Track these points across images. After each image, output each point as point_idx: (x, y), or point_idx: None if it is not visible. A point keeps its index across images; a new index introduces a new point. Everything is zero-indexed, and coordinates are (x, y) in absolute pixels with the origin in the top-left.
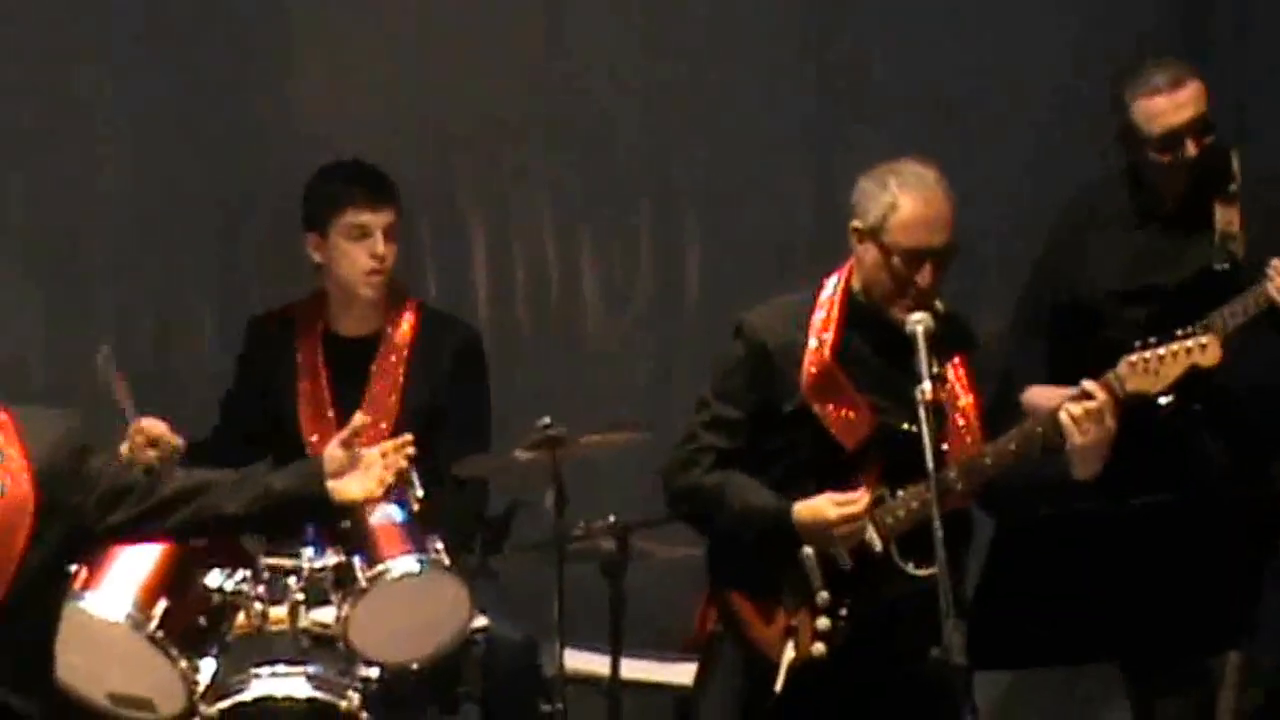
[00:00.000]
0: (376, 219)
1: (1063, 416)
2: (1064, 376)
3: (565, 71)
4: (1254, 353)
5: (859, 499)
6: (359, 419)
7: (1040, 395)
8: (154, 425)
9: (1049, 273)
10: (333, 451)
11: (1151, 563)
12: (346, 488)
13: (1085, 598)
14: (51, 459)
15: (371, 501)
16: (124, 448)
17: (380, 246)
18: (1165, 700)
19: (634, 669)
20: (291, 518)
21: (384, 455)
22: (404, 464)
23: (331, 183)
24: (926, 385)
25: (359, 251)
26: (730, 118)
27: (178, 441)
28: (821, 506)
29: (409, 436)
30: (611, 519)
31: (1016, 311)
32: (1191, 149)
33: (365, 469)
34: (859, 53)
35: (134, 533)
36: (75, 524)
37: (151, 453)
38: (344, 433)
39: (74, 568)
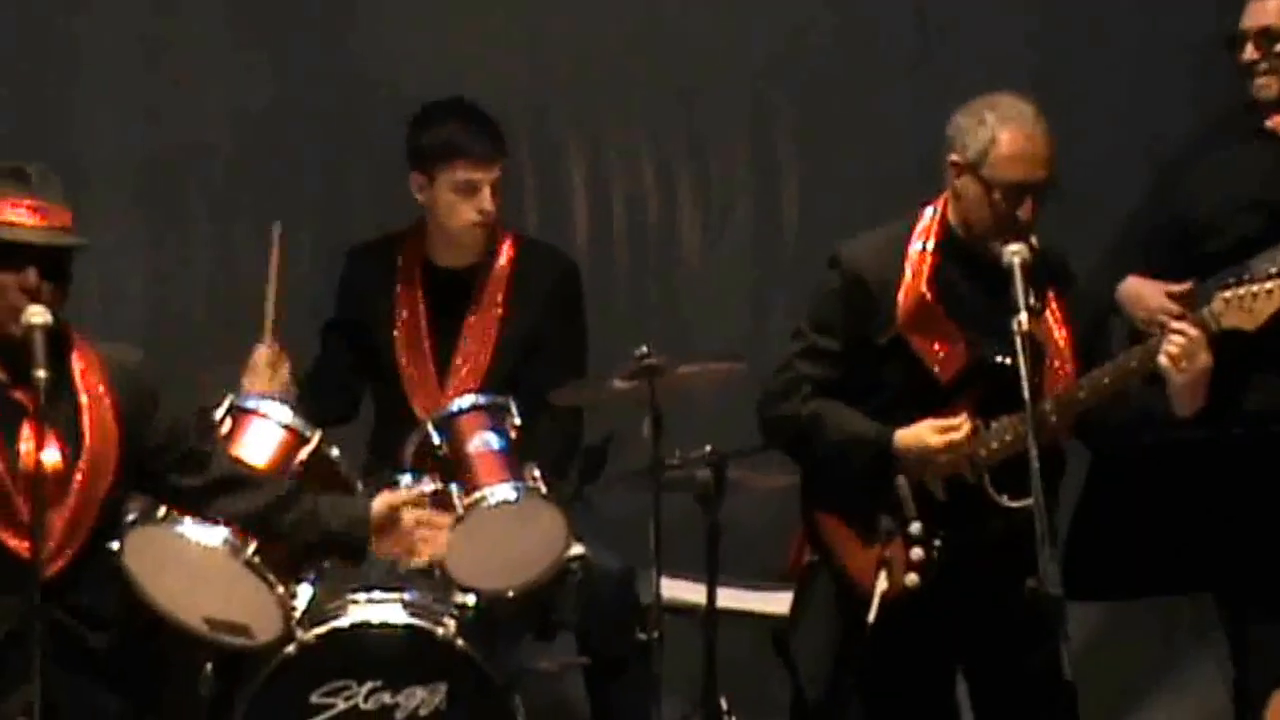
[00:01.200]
0: (486, 176)
1: (1161, 358)
2: None
3: (664, 4)
4: None
5: (961, 424)
6: (429, 486)
7: (1136, 286)
8: (283, 359)
9: (1156, 190)
10: (382, 508)
11: (1250, 491)
12: (387, 548)
13: (1182, 528)
14: (136, 403)
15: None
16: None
17: (487, 203)
18: (1261, 629)
19: (730, 598)
20: (325, 551)
21: (430, 528)
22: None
23: (443, 128)
24: (1023, 317)
25: (465, 206)
26: (829, 48)
27: (289, 383)
28: (923, 433)
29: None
30: (708, 449)
31: (1119, 238)
32: None
33: (408, 534)
34: None
35: (192, 505)
36: (150, 470)
37: (269, 375)
38: (404, 495)
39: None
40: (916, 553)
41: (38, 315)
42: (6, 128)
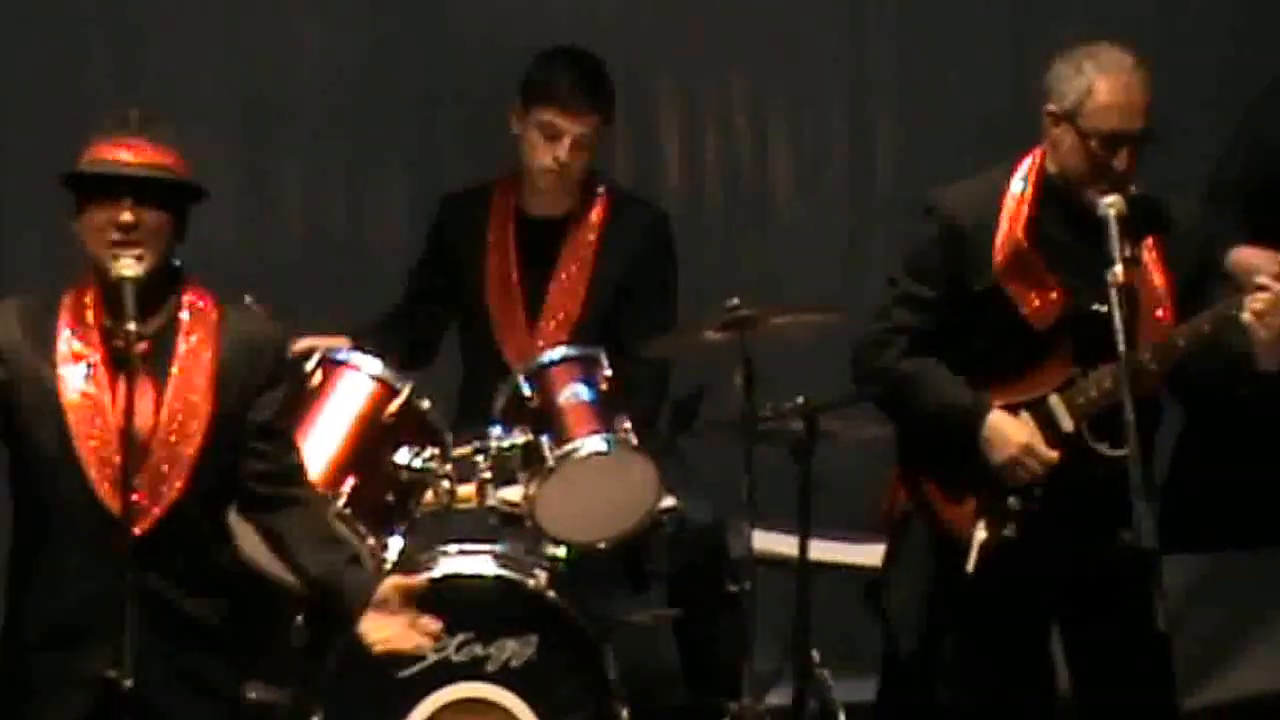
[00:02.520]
0: (571, 126)
1: (1245, 315)
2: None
3: None
4: None
5: (1053, 455)
6: (519, 438)
7: (1249, 255)
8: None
9: (1248, 138)
10: (388, 591)
11: None
12: (370, 624)
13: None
14: (246, 371)
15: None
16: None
17: (564, 153)
18: None
19: (822, 550)
20: (322, 605)
21: (422, 633)
22: (427, 646)
23: (549, 70)
24: (1118, 268)
25: (544, 149)
26: (921, 3)
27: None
28: (1018, 430)
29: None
30: (800, 399)
31: (1213, 180)
32: None
33: (397, 624)
34: None
35: (241, 496)
36: (239, 440)
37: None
38: (414, 582)
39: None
40: (1013, 501)
41: (127, 267)
42: (104, 74)
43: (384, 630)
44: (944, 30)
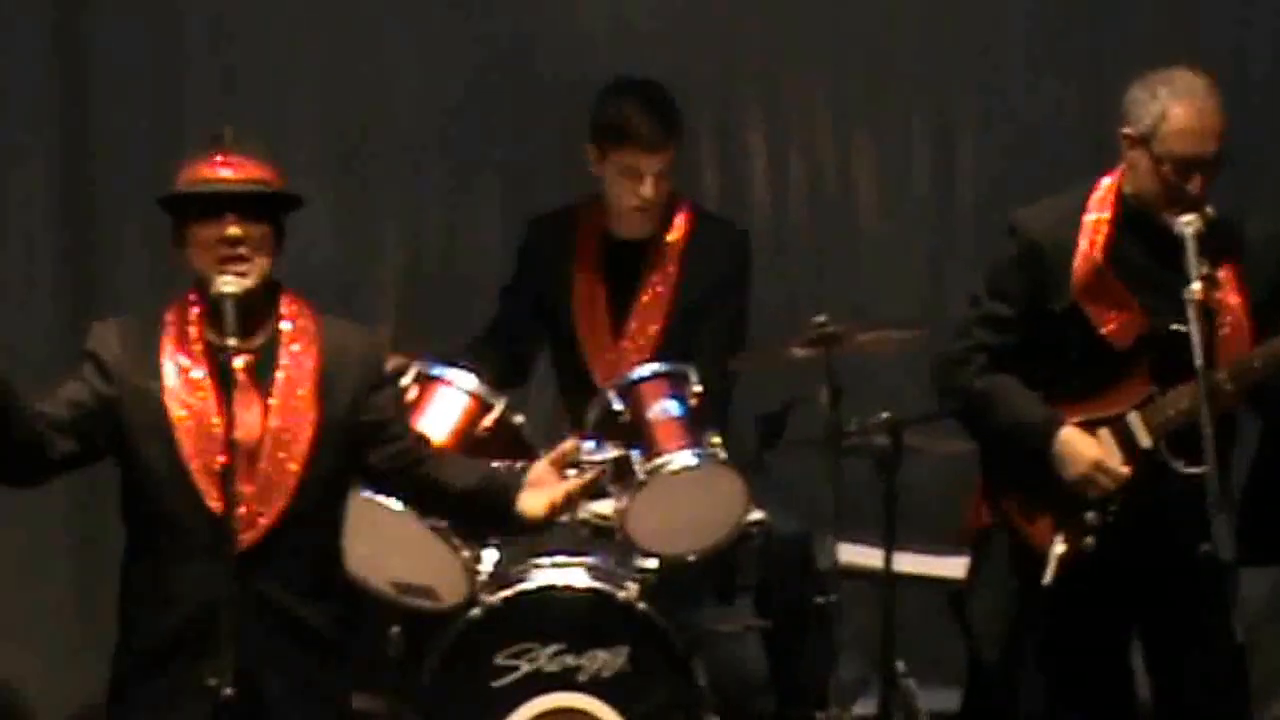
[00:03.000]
0: (650, 163)
1: None
2: None
3: None
4: None
5: (1124, 471)
6: (570, 444)
7: None
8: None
9: None
10: (541, 470)
11: None
12: (526, 499)
13: None
14: (344, 378)
15: (537, 521)
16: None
17: (648, 190)
18: None
19: (907, 562)
20: (481, 510)
21: (553, 490)
22: (559, 500)
23: (620, 108)
24: (1196, 286)
25: (628, 189)
26: (1004, 23)
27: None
28: (1090, 446)
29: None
30: (885, 415)
31: None
32: None
33: (552, 488)
34: None
35: (378, 481)
36: (363, 432)
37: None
38: (555, 453)
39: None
40: (1091, 516)
41: (229, 284)
42: (207, 103)
43: (540, 498)
44: (1025, 52)
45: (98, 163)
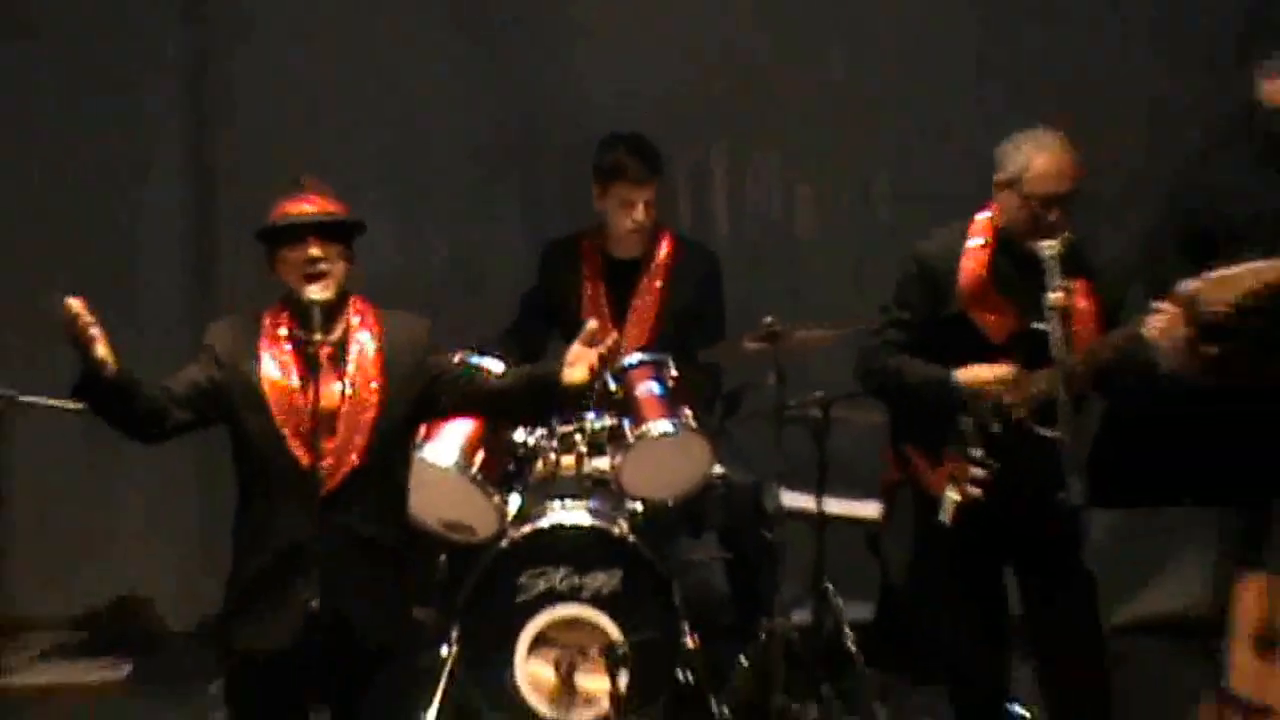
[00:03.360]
0: (639, 194)
1: (1147, 331)
2: None
3: (792, 58)
4: None
5: (1009, 371)
6: (592, 324)
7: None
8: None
9: (1177, 203)
10: (577, 351)
11: (1227, 427)
12: (569, 373)
13: (1176, 455)
14: (405, 352)
15: (579, 386)
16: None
17: (640, 215)
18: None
19: (834, 506)
20: (536, 395)
21: (588, 352)
22: (597, 359)
23: (614, 154)
24: (1054, 294)
25: (623, 216)
26: (906, 102)
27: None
28: (978, 369)
29: (614, 337)
30: (818, 394)
31: (1150, 237)
32: None
33: (583, 359)
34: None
35: (452, 411)
36: (422, 400)
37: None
38: (584, 333)
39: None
40: (977, 472)
41: (316, 293)
42: (295, 144)
43: (580, 368)
44: (934, 128)
45: (218, 183)
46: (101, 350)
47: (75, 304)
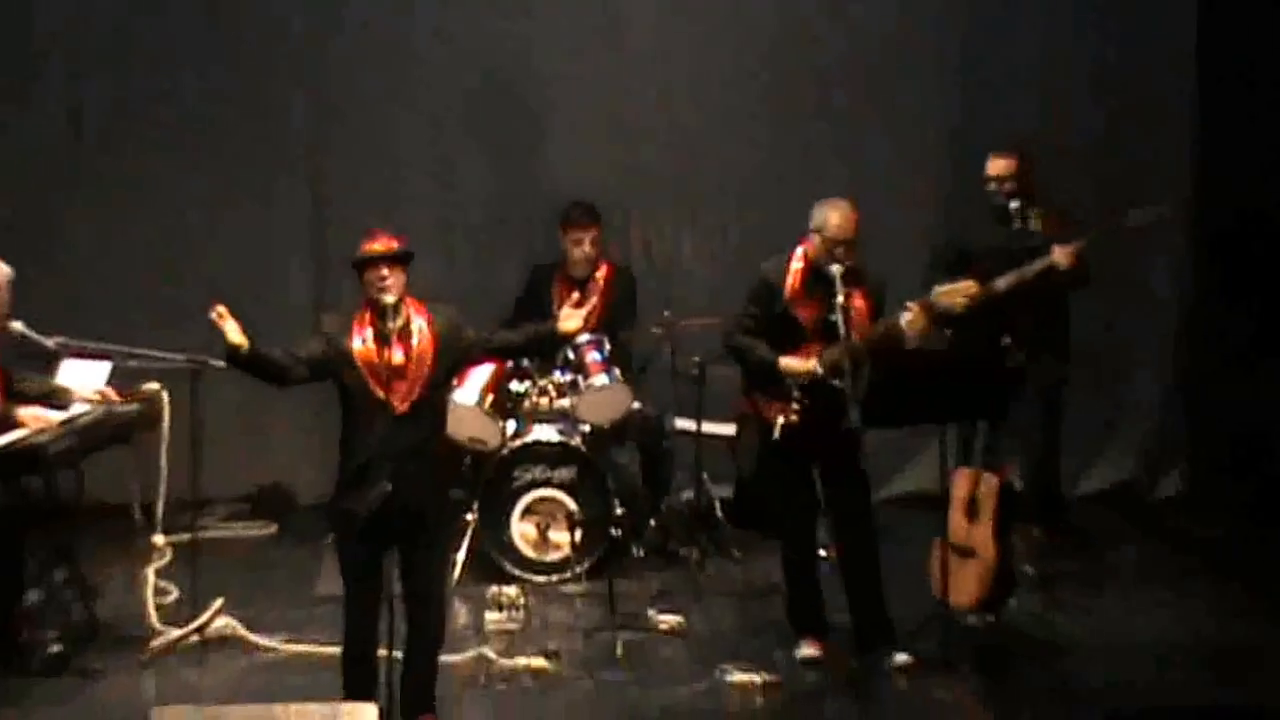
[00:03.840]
0: (584, 235)
1: (901, 321)
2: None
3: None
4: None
5: (810, 363)
6: (575, 297)
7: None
8: None
9: (949, 243)
10: (565, 309)
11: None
12: (564, 323)
13: (921, 392)
14: (445, 331)
15: (573, 332)
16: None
17: (586, 249)
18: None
19: (707, 427)
20: (542, 343)
21: (577, 312)
22: (582, 318)
23: (568, 210)
24: (840, 298)
25: (575, 250)
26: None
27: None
28: (794, 361)
29: (593, 302)
30: (696, 359)
31: (931, 259)
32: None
33: (572, 317)
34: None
35: (479, 359)
36: (456, 360)
37: None
38: (570, 303)
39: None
40: (794, 408)
41: (388, 295)
42: (380, 177)
43: (573, 320)
44: (771, 163)
45: (332, 205)
46: (234, 337)
47: (218, 309)
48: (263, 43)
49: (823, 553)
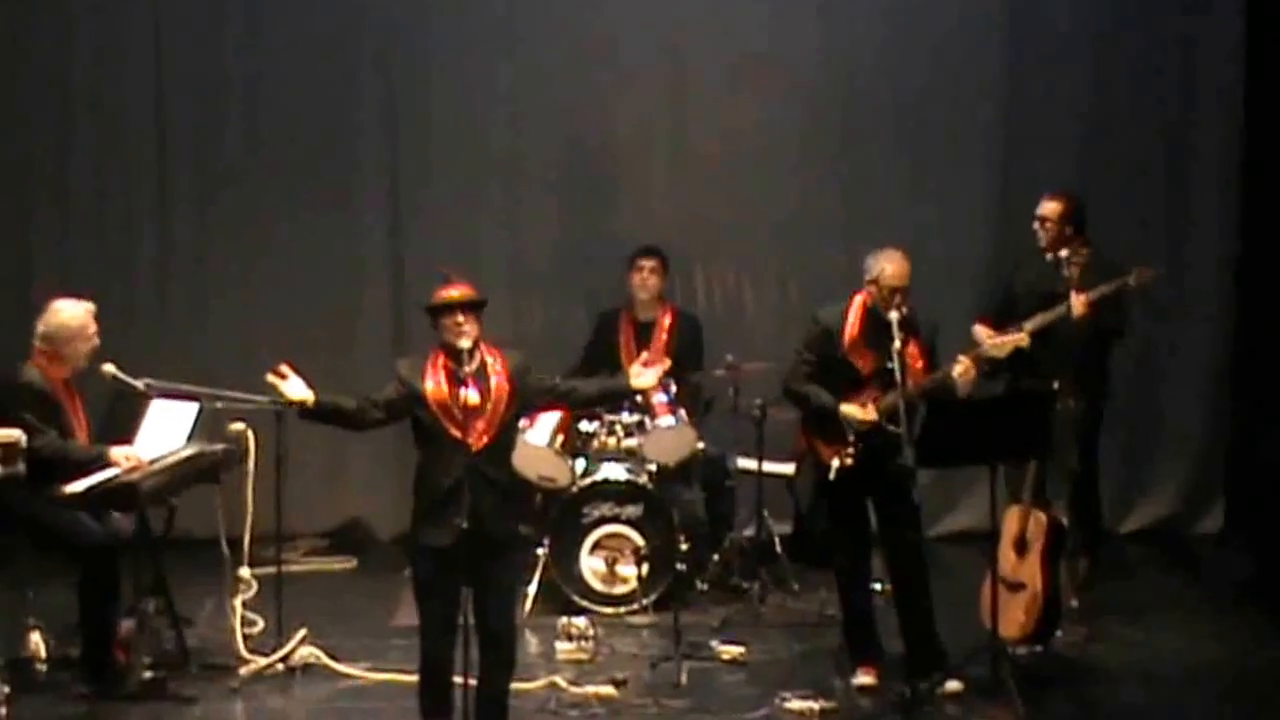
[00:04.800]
0: (645, 264)
1: (953, 373)
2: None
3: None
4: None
5: (870, 413)
6: (646, 356)
7: (979, 329)
8: None
9: (1004, 281)
10: (636, 366)
11: (996, 419)
12: (638, 380)
13: (969, 438)
14: (516, 372)
15: (649, 390)
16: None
17: (647, 277)
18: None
19: (767, 466)
20: (614, 397)
21: (654, 369)
22: (659, 375)
23: (635, 253)
24: (898, 344)
25: (638, 280)
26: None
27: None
28: (852, 409)
29: (667, 363)
30: (758, 401)
31: (986, 294)
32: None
33: (646, 375)
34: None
35: (549, 406)
36: (528, 402)
37: None
38: (641, 359)
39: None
40: (849, 451)
41: (464, 340)
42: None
43: (646, 377)
44: (797, 226)
45: (409, 234)
46: (294, 395)
47: (280, 368)
48: (348, 89)
49: (877, 586)
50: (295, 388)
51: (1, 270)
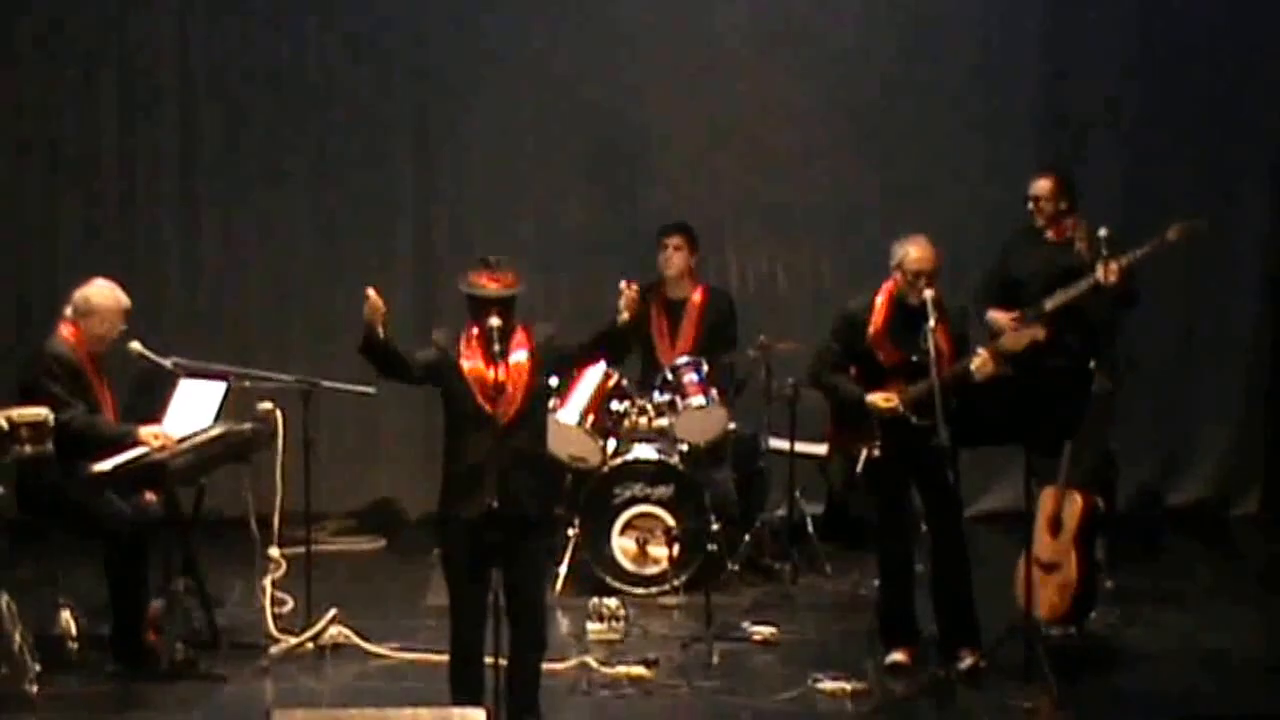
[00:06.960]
0: (671, 242)
1: (972, 365)
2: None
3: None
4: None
5: (895, 399)
6: (623, 285)
7: (996, 315)
8: None
9: (995, 270)
10: (620, 303)
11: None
12: (621, 317)
13: (997, 418)
14: (541, 344)
15: (627, 322)
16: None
17: (672, 255)
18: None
19: (799, 447)
20: (609, 339)
21: (628, 302)
22: (633, 304)
23: (660, 231)
24: (931, 323)
25: (663, 258)
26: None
27: None
28: (877, 398)
29: (635, 288)
30: (791, 381)
31: (980, 285)
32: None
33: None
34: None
35: (575, 362)
36: (550, 369)
37: None
38: (634, 295)
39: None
40: (877, 442)
41: (495, 320)
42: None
43: (625, 314)
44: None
45: (440, 227)
46: (381, 311)
47: (374, 295)
48: (380, 72)
49: (918, 566)
50: (380, 308)
51: (32, 259)
